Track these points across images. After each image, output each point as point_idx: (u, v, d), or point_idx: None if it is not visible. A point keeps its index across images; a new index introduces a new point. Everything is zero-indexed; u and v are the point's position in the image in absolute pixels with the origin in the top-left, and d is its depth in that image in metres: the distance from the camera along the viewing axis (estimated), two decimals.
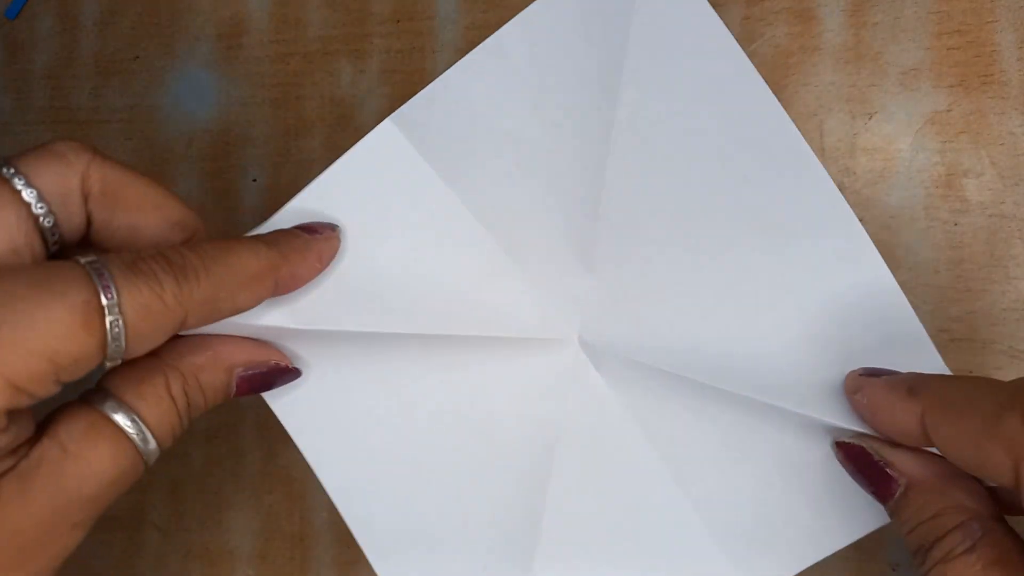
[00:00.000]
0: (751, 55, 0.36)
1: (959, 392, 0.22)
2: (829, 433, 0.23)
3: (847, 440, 0.23)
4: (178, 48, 0.43)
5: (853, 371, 0.24)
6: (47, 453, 0.20)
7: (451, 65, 0.40)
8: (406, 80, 0.40)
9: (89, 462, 0.20)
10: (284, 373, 0.25)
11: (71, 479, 0.20)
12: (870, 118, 0.35)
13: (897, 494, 0.22)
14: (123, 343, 0.19)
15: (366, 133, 0.40)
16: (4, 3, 0.46)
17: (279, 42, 0.42)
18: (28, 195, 0.19)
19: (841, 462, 0.23)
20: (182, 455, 0.42)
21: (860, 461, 0.23)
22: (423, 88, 0.40)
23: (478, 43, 0.39)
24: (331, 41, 0.41)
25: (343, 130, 0.41)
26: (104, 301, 0.18)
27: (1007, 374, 0.34)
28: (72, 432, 0.20)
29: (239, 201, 0.42)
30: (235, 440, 0.42)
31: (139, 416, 0.21)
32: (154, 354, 0.21)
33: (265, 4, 0.42)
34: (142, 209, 0.22)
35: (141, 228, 0.21)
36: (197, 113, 0.43)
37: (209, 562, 0.42)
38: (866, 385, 0.23)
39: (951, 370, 0.34)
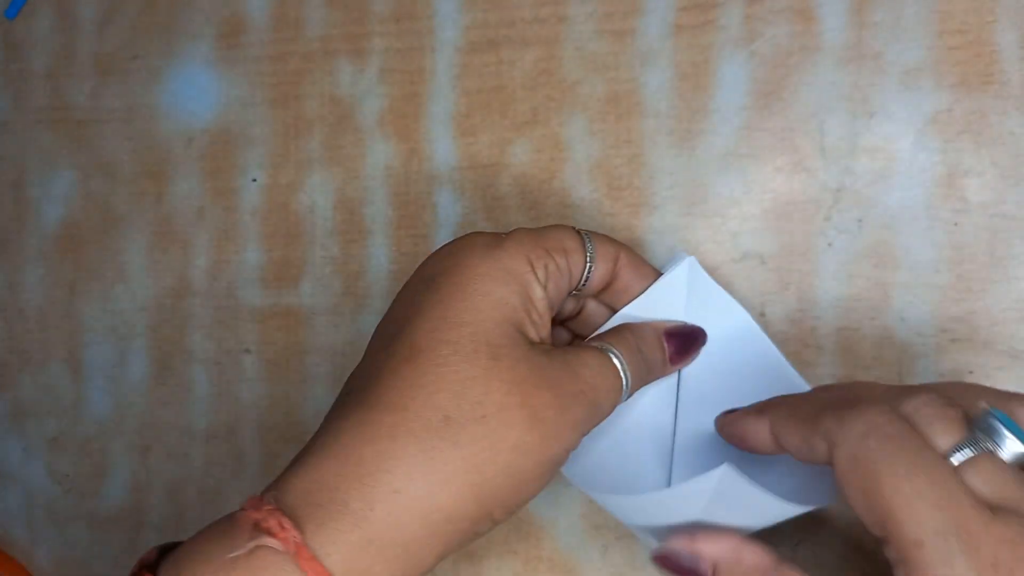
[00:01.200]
0: (752, 55, 0.36)
1: (793, 406, 0.28)
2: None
3: (656, 553, 0.29)
4: (177, 47, 0.43)
5: (719, 415, 0.32)
6: (563, 349, 0.29)
7: (450, 65, 0.40)
8: (406, 79, 0.40)
9: (588, 360, 0.29)
10: (701, 335, 0.33)
11: (576, 363, 0.29)
12: (871, 118, 0.35)
13: (709, 572, 0.28)
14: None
15: (365, 133, 0.40)
16: (3, 3, 0.46)
17: (279, 41, 0.42)
18: (587, 240, 0.31)
19: (662, 570, 0.29)
20: (182, 455, 0.42)
21: (672, 564, 0.29)
22: (422, 86, 0.40)
23: (478, 43, 0.39)
24: (331, 40, 0.41)
25: (343, 129, 0.41)
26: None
27: (1007, 374, 0.34)
28: (578, 348, 0.30)
29: (239, 200, 0.42)
30: (235, 440, 0.42)
31: (616, 350, 0.30)
32: (625, 328, 0.32)
33: (264, 3, 0.42)
34: (637, 276, 0.33)
35: (632, 286, 0.33)
36: (196, 112, 0.43)
37: None
38: (728, 419, 0.31)
39: (952, 370, 0.34)
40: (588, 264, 0.31)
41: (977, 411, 0.25)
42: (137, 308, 0.43)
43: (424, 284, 0.29)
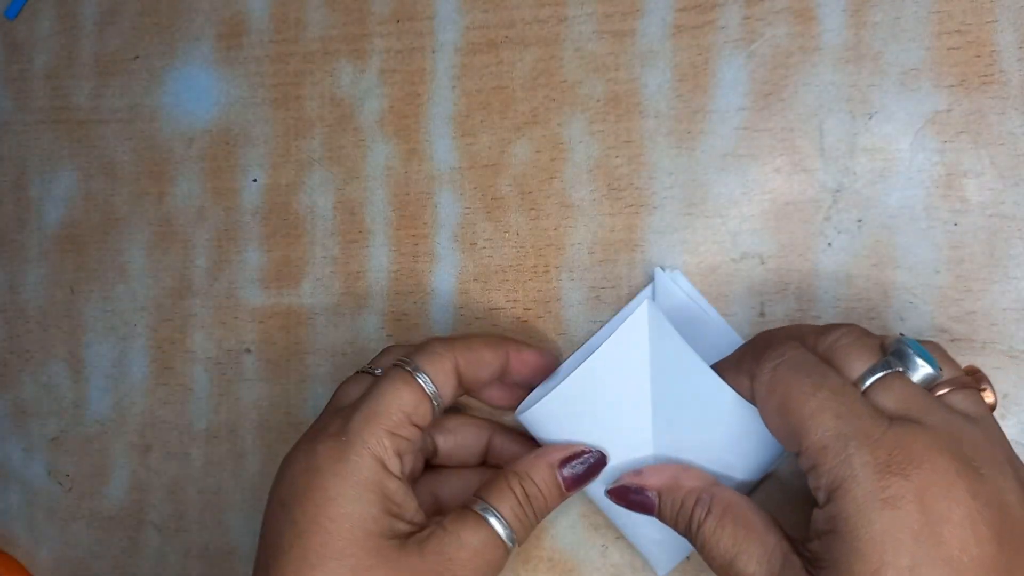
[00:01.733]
0: (751, 55, 0.36)
1: (734, 354, 0.32)
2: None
3: (610, 487, 0.32)
4: (178, 48, 0.43)
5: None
6: (435, 531, 0.30)
7: (450, 66, 0.40)
8: (406, 80, 0.40)
9: (463, 541, 0.30)
10: (600, 463, 0.33)
11: (451, 548, 0.30)
12: (870, 118, 0.35)
13: (657, 503, 0.31)
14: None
15: (366, 133, 0.40)
16: (4, 3, 0.46)
17: (279, 42, 0.42)
18: (422, 380, 0.32)
19: (616, 503, 0.32)
20: (182, 455, 0.42)
21: (624, 495, 0.32)
22: (422, 87, 0.40)
23: (478, 44, 0.39)
24: (331, 41, 0.41)
25: (343, 130, 0.41)
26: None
27: (1007, 374, 0.34)
28: (453, 520, 0.30)
29: (239, 201, 0.42)
30: (235, 440, 0.42)
31: (496, 510, 0.31)
32: (510, 475, 0.32)
33: (265, 4, 0.42)
34: (484, 366, 0.34)
35: (481, 373, 0.34)
36: (197, 113, 0.43)
37: (209, 562, 0.42)
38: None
39: None
40: (433, 402, 0.32)
41: (891, 340, 0.28)
42: (138, 308, 0.43)
43: (283, 513, 0.30)
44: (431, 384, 0.32)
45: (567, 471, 0.32)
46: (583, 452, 0.32)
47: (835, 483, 0.25)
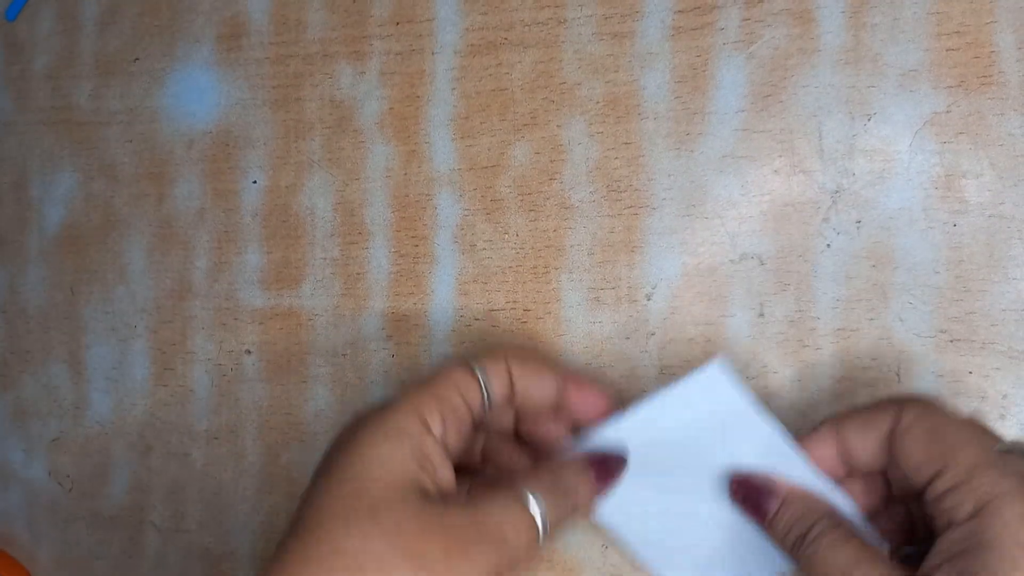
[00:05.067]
0: (750, 57, 0.36)
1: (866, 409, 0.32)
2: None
3: (737, 477, 0.33)
4: (178, 49, 0.43)
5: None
6: (467, 502, 0.30)
7: (450, 68, 0.40)
8: (405, 82, 0.40)
9: (492, 511, 0.30)
10: (622, 459, 0.34)
11: (479, 515, 0.29)
12: (869, 119, 0.35)
13: (776, 506, 0.31)
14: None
15: (366, 135, 0.40)
16: (4, 3, 0.46)
17: (279, 44, 0.42)
18: (478, 370, 0.32)
19: (733, 495, 0.33)
20: (182, 455, 0.42)
21: (747, 487, 0.32)
22: (422, 89, 0.40)
23: (477, 46, 0.39)
24: (331, 43, 0.41)
25: (343, 132, 0.41)
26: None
27: (1006, 374, 0.34)
28: (485, 495, 0.30)
29: (239, 202, 0.42)
30: (236, 441, 0.42)
31: (538, 497, 0.30)
32: (544, 466, 0.33)
33: (265, 6, 0.42)
34: (537, 381, 0.34)
35: (534, 390, 0.33)
36: (197, 115, 0.43)
37: (209, 563, 0.42)
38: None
39: (951, 371, 0.34)
40: (484, 393, 0.32)
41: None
42: (138, 309, 0.43)
43: (324, 461, 0.30)
44: (484, 374, 0.32)
45: (596, 469, 0.33)
46: (605, 453, 0.33)
47: (985, 499, 0.26)
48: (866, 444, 0.30)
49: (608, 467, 0.33)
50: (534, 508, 0.30)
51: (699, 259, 0.36)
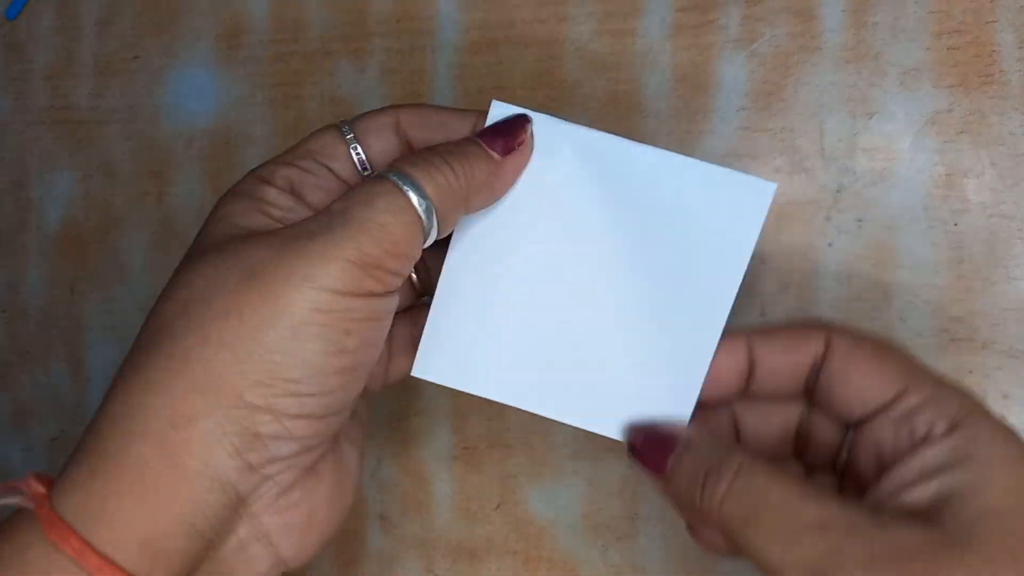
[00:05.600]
0: (751, 55, 0.36)
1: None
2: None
3: (632, 425, 0.29)
4: (178, 48, 0.43)
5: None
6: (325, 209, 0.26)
7: (451, 65, 0.40)
8: (406, 80, 0.40)
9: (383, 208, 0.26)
10: (521, 117, 0.28)
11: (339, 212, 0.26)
12: (870, 118, 0.35)
13: (678, 450, 0.27)
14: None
15: None
16: (4, 3, 0.46)
17: (279, 42, 0.42)
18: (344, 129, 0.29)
19: (633, 449, 0.28)
20: None
21: (650, 432, 0.28)
22: (422, 87, 0.40)
23: (478, 43, 0.39)
24: (331, 41, 0.41)
25: None
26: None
27: (1007, 374, 0.34)
28: (356, 193, 0.26)
29: None
30: None
31: (405, 174, 0.26)
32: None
33: (265, 4, 0.42)
34: (435, 127, 0.29)
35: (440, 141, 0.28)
36: (197, 113, 0.43)
37: None
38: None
39: (952, 370, 0.34)
40: (350, 147, 0.29)
41: None
42: (138, 308, 0.43)
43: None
44: (356, 131, 0.29)
45: (491, 136, 0.28)
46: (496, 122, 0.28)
47: (960, 415, 0.25)
48: (785, 367, 0.28)
49: (502, 133, 0.27)
50: (413, 196, 0.25)
51: None
